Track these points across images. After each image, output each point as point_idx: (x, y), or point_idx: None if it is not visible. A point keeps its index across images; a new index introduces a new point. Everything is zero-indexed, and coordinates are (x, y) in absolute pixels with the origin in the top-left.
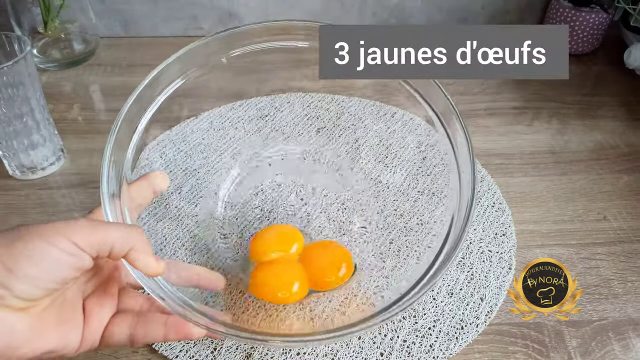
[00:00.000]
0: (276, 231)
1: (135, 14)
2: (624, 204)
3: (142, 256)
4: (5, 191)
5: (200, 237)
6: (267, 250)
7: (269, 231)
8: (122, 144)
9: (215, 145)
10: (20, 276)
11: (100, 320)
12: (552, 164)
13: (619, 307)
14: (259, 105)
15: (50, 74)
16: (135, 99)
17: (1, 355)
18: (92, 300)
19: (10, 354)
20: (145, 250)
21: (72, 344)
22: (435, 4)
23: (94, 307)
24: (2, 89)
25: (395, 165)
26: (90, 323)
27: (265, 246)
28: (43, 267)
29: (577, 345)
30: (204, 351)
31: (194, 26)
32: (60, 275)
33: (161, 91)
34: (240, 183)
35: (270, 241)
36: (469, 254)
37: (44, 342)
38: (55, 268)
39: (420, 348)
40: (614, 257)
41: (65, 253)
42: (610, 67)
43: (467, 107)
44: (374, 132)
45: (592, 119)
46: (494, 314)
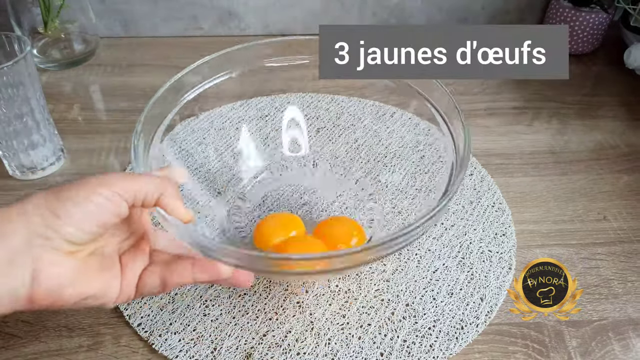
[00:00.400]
0: (278, 218)
1: (135, 14)
2: (624, 204)
3: (171, 201)
4: (5, 191)
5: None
6: (272, 236)
7: (271, 218)
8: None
9: (216, 145)
10: (67, 220)
11: (134, 272)
12: (552, 164)
13: (619, 307)
14: (259, 106)
15: (50, 74)
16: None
17: (50, 294)
18: (127, 256)
19: (59, 293)
20: (174, 196)
21: (112, 293)
22: (435, 4)
23: (129, 262)
24: (2, 89)
25: (395, 164)
26: (126, 275)
27: (269, 232)
28: (87, 212)
29: (577, 345)
30: (204, 351)
31: (194, 26)
32: (102, 219)
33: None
34: (240, 183)
35: (273, 227)
36: (469, 254)
37: (88, 286)
38: (98, 213)
39: (420, 348)
40: (614, 257)
41: (106, 200)
42: (610, 67)
43: (467, 107)
44: (373, 132)
45: (592, 119)
46: (494, 314)
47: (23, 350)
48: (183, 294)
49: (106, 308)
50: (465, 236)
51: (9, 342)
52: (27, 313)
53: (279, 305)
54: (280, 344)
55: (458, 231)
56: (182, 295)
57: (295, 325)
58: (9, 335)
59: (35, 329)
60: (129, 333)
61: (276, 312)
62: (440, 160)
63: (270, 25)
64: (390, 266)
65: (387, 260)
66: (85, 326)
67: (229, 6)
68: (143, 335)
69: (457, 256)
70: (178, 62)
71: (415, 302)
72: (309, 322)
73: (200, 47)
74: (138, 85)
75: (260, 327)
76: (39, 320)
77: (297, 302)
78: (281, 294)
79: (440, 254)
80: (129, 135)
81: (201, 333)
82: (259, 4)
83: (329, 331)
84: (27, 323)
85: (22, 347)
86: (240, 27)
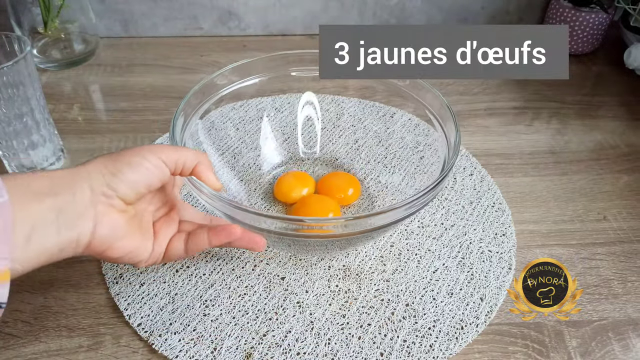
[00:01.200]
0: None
1: (135, 14)
2: (624, 204)
3: (206, 170)
4: None
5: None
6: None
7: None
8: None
9: (217, 145)
10: (123, 180)
11: (165, 237)
12: (552, 164)
13: (619, 307)
14: (259, 106)
15: (50, 74)
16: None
17: (104, 243)
18: (160, 222)
19: (110, 243)
20: (208, 167)
21: (146, 253)
22: (435, 4)
23: (161, 227)
24: (2, 89)
25: (394, 165)
26: (158, 238)
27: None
28: (139, 174)
29: (577, 345)
30: (204, 351)
31: (194, 26)
32: (149, 182)
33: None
34: (241, 183)
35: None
36: (469, 254)
37: (130, 243)
38: (147, 176)
39: (420, 348)
40: (614, 257)
41: (154, 166)
42: (610, 67)
43: (467, 107)
44: (373, 133)
45: (592, 119)
46: (494, 314)
47: (23, 350)
48: (183, 294)
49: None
50: (465, 236)
51: (9, 342)
52: (27, 313)
53: (279, 305)
54: (280, 344)
55: (458, 231)
56: (182, 295)
57: (295, 325)
58: (9, 335)
59: (35, 329)
60: (129, 333)
61: (276, 312)
62: (438, 161)
63: (270, 25)
64: (390, 266)
65: (387, 260)
66: (85, 326)
67: (229, 6)
68: (143, 335)
69: (457, 256)
70: (178, 62)
71: (415, 302)
72: (309, 322)
73: (200, 47)
74: (138, 85)
75: (260, 327)
76: (39, 321)
77: (297, 302)
78: (281, 294)
79: (440, 254)
80: (129, 135)
81: (201, 333)
82: (259, 4)
83: (329, 331)
84: (27, 323)
85: (22, 347)
86: (240, 27)
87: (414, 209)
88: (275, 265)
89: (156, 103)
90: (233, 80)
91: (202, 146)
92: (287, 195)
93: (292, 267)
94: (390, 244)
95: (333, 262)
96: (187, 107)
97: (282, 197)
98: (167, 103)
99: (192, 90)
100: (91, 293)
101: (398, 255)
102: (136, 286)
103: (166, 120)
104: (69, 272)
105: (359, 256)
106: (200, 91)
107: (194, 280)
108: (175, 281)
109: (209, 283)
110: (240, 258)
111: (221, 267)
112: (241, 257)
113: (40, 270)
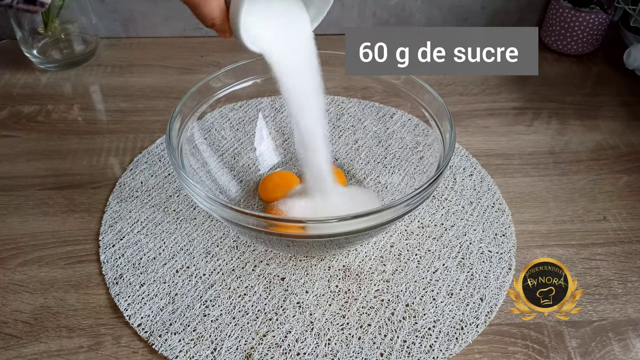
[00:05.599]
0: (279, 175)
1: (135, 14)
2: (624, 204)
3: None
4: (5, 192)
5: (199, 240)
6: (275, 190)
7: (274, 175)
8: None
9: (217, 145)
10: None
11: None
12: (552, 164)
13: (619, 308)
14: (259, 106)
15: (50, 74)
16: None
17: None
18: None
19: None
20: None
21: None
22: (435, 4)
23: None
24: None
25: (394, 165)
26: None
27: (273, 186)
28: None
29: (577, 346)
30: (204, 351)
31: (194, 26)
32: None
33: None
34: (240, 183)
35: (276, 182)
36: (469, 254)
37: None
38: None
39: (420, 348)
40: (614, 258)
41: None
42: (610, 67)
43: (467, 108)
44: (373, 133)
45: (592, 119)
46: (494, 314)
47: (23, 350)
48: (183, 295)
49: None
50: (465, 236)
51: (9, 342)
52: (27, 313)
53: (279, 305)
54: (280, 344)
55: (458, 231)
56: (182, 295)
57: (295, 325)
58: (9, 336)
59: (35, 329)
60: (129, 333)
61: (276, 312)
62: (437, 161)
63: None
64: (390, 266)
65: (387, 261)
66: (85, 326)
67: None
68: (143, 336)
69: (457, 256)
70: (178, 63)
71: (415, 302)
72: (309, 322)
73: (200, 47)
74: (138, 86)
75: (260, 327)
76: (39, 321)
77: (297, 302)
78: (281, 295)
79: (440, 255)
80: (128, 135)
81: (201, 333)
82: None
83: (329, 331)
84: (27, 323)
85: (22, 347)
86: None
87: (412, 206)
88: (275, 265)
89: (156, 103)
90: (231, 81)
91: (200, 148)
92: (271, 194)
93: (292, 268)
94: (390, 245)
95: (333, 263)
96: (184, 109)
97: (267, 197)
98: (167, 103)
99: (190, 91)
100: (91, 293)
101: (398, 255)
102: (136, 287)
103: (166, 120)
104: (69, 273)
105: (359, 256)
106: (198, 92)
107: (194, 280)
108: (175, 281)
109: (209, 283)
110: (240, 258)
111: (221, 268)
112: (241, 257)
113: (40, 270)
